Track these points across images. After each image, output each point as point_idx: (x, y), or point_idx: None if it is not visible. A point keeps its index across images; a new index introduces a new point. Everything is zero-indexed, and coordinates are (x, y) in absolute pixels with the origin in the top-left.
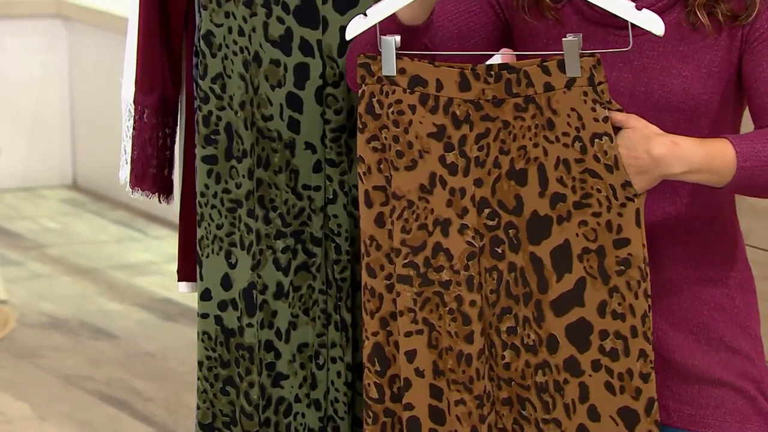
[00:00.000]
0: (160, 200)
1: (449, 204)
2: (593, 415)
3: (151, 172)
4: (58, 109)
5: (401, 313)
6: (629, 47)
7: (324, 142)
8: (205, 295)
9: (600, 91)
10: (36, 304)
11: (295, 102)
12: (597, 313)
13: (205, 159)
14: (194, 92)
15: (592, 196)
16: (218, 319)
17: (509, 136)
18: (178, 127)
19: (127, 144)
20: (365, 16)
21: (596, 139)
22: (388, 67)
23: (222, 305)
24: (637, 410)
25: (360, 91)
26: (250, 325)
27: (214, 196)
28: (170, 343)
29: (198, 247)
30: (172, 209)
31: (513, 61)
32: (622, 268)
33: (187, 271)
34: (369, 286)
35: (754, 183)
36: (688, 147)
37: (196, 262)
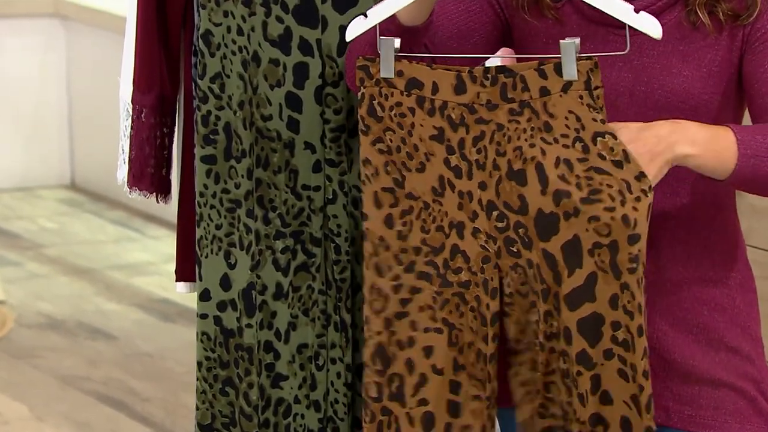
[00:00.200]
0: (158, 200)
1: (460, 207)
2: (606, 399)
3: (149, 172)
4: (56, 109)
5: (421, 310)
6: (626, 50)
7: (323, 142)
8: (204, 296)
9: (596, 96)
10: (33, 305)
11: (294, 102)
12: (609, 306)
13: (204, 159)
14: (193, 92)
15: (602, 191)
16: (217, 320)
17: (504, 138)
18: (177, 127)
19: (125, 144)
20: (365, 17)
21: (599, 138)
22: (386, 69)
23: (221, 306)
24: (641, 402)
25: (359, 94)
26: (250, 326)
27: (213, 196)
28: (168, 344)
29: (197, 247)
30: (170, 209)
31: (511, 64)
32: (634, 265)
33: (185, 271)
34: (376, 286)
35: (756, 174)
36: (691, 126)
37: (195, 262)
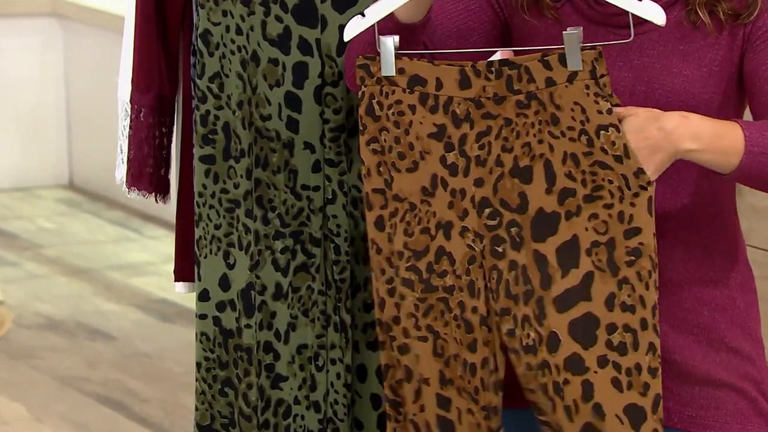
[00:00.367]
0: (156, 200)
1: (450, 206)
2: (598, 413)
3: (147, 172)
4: (54, 109)
5: (407, 317)
6: (630, 39)
7: (323, 142)
8: (203, 296)
9: (602, 84)
10: (32, 305)
11: (293, 101)
12: (605, 307)
13: (202, 159)
14: (191, 91)
15: (604, 188)
16: (216, 320)
17: (512, 134)
18: (175, 127)
19: (124, 143)
20: (363, 16)
21: (602, 131)
22: (387, 67)
23: (220, 306)
24: (644, 407)
25: (360, 93)
26: (249, 326)
27: (212, 196)
28: (167, 344)
29: (196, 248)
30: (169, 209)
31: (513, 57)
32: (633, 258)
33: (184, 272)
34: (375, 289)
35: (761, 171)
36: (698, 121)
37: (194, 262)
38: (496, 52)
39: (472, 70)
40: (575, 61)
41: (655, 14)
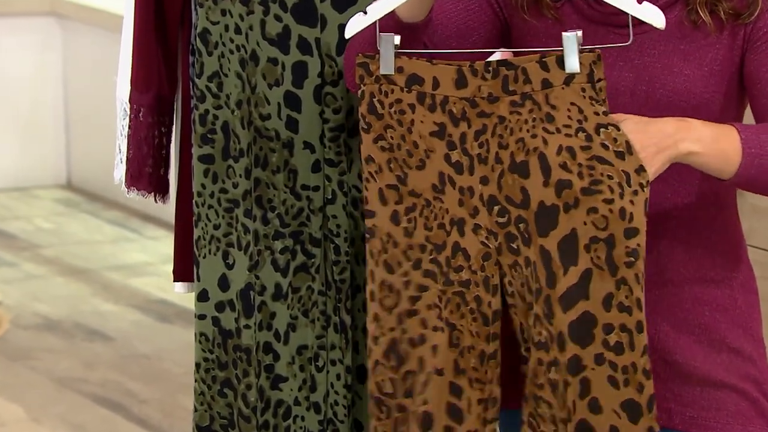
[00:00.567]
0: (155, 200)
1: (461, 203)
2: (594, 408)
3: (146, 172)
4: (53, 108)
5: (428, 308)
6: (630, 41)
7: (323, 142)
8: (202, 296)
9: (598, 89)
10: (30, 306)
11: (293, 101)
12: (602, 306)
13: (201, 158)
14: (190, 91)
15: (603, 182)
16: (215, 321)
17: (506, 131)
18: (174, 126)
19: (123, 143)
20: (364, 13)
21: (602, 129)
22: (386, 65)
23: (219, 306)
24: (641, 404)
25: (359, 92)
26: (248, 327)
27: (211, 195)
28: (166, 345)
29: (195, 248)
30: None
31: (512, 58)
32: (632, 259)
33: (183, 272)
34: (387, 282)
35: (760, 173)
36: (697, 124)
37: (193, 262)
38: (495, 52)
39: (470, 70)
40: (573, 63)
41: (654, 17)
